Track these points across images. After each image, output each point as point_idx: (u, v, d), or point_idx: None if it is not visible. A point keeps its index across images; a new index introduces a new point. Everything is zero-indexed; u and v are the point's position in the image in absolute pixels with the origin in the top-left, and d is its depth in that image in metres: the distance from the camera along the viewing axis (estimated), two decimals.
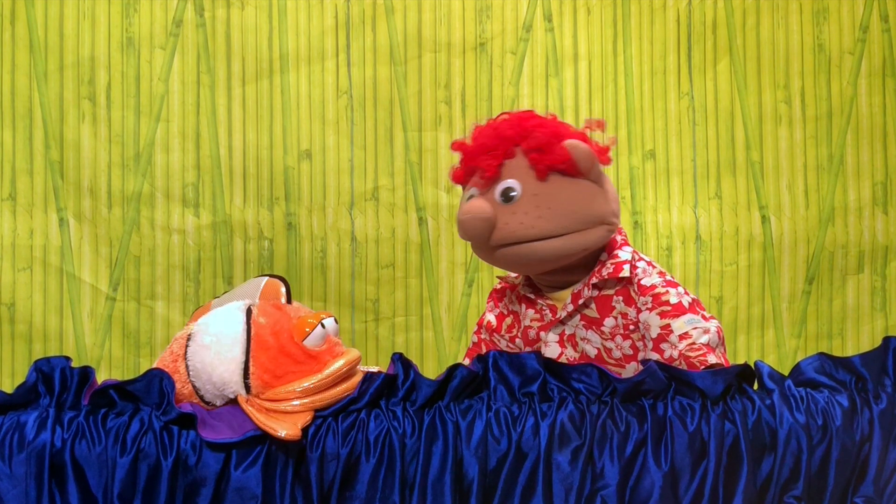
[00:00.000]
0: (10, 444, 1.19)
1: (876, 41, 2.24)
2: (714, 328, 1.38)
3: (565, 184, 1.40)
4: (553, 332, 1.51)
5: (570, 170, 1.40)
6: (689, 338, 1.37)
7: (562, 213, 1.39)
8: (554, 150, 1.39)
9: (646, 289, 1.42)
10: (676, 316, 1.38)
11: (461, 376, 1.27)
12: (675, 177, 2.20)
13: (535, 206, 1.38)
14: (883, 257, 2.25)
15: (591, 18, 2.17)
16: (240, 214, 2.09)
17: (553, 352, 1.50)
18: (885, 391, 1.30)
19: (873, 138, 2.24)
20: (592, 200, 1.41)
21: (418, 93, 2.13)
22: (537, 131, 1.41)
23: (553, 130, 1.42)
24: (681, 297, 1.41)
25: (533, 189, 1.39)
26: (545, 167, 1.39)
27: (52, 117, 2.04)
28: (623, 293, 1.45)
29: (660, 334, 1.39)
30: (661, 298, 1.40)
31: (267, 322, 1.29)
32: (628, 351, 1.46)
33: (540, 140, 1.40)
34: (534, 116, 1.47)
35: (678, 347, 1.37)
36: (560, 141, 1.39)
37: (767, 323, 2.23)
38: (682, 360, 1.36)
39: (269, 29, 2.10)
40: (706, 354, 1.35)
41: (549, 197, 1.39)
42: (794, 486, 1.26)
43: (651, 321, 1.40)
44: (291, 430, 1.18)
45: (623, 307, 1.45)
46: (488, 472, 1.23)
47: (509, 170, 1.41)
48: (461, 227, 1.41)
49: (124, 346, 2.06)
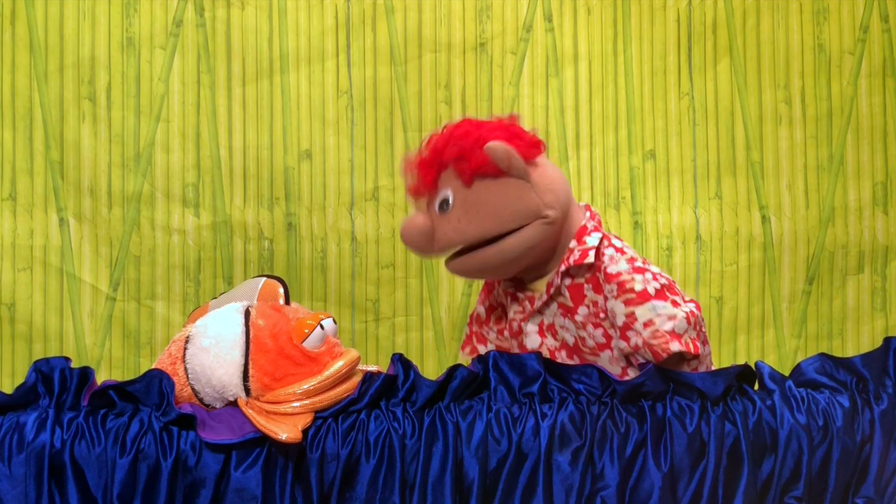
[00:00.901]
0: (10, 445, 1.19)
1: (876, 41, 2.23)
2: (683, 314, 1.38)
3: (490, 185, 1.44)
4: (532, 323, 1.52)
5: (492, 171, 1.43)
6: (652, 325, 1.37)
7: (488, 214, 1.43)
8: (474, 156, 1.43)
9: (611, 276, 1.42)
10: (641, 303, 1.38)
11: (461, 377, 1.27)
12: (675, 177, 2.20)
13: (465, 212, 1.44)
14: (883, 257, 2.25)
15: (591, 18, 2.17)
16: (240, 214, 2.09)
17: (533, 342, 1.51)
18: (886, 392, 1.30)
19: (873, 138, 2.24)
20: (519, 196, 1.44)
21: (418, 93, 2.13)
22: (461, 140, 1.46)
23: (476, 136, 1.46)
24: (647, 283, 1.40)
25: (462, 196, 1.45)
26: (469, 173, 1.44)
27: (52, 117, 2.04)
28: (592, 281, 1.45)
29: (625, 322, 1.39)
30: (625, 286, 1.40)
31: (266, 324, 1.29)
32: (601, 339, 1.45)
33: (461, 148, 1.45)
34: (465, 125, 1.51)
35: (642, 335, 1.37)
36: (482, 145, 1.43)
37: (767, 323, 2.22)
38: (645, 347, 1.37)
39: (269, 29, 2.10)
40: (669, 342, 1.35)
41: (476, 201, 1.44)
42: (795, 487, 1.26)
43: (616, 309, 1.41)
44: (292, 433, 1.18)
45: (593, 295, 1.45)
46: (488, 472, 1.23)
47: (444, 181, 1.47)
48: (404, 242, 1.50)
49: (124, 347, 2.06)
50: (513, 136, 1.47)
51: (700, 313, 1.41)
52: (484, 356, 1.32)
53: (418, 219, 1.48)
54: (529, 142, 1.48)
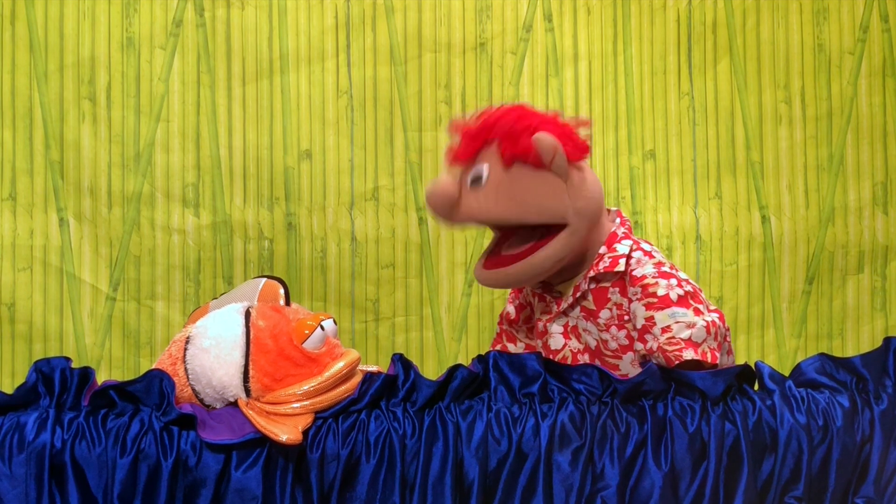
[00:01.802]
0: (10, 445, 1.19)
1: (876, 41, 2.23)
2: (703, 323, 1.37)
3: (527, 174, 1.43)
4: (557, 324, 1.52)
5: (533, 161, 1.42)
6: (669, 331, 1.37)
7: (515, 201, 1.43)
8: (520, 141, 1.42)
9: (636, 279, 1.43)
10: (661, 308, 1.39)
11: (461, 377, 1.27)
12: (675, 177, 2.20)
13: (496, 193, 1.43)
14: (883, 257, 2.25)
15: (591, 18, 2.17)
16: (240, 214, 2.08)
17: (557, 343, 1.51)
18: (886, 392, 1.30)
19: (873, 138, 2.24)
20: (552, 194, 1.43)
21: (418, 93, 2.13)
22: (513, 122, 1.45)
23: (528, 123, 1.45)
24: (670, 289, 1.40)
25: (498, 176, 1.44)
26: (510, 156, 1.43)
27: (52, 117, 2.04)
28: (619, 284, 1.46)
29: (644, 325, 1.40)
30: (648, 290, 1.41)
31: (266, 325, 1.29)
32: (624, 341, 1.46)
33: (511, 130, 1.44)
34: (521, 108, 1.50)
35: (658, 340, 1.37)
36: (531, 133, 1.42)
37: (767, 323, 2.22)
38: (659, 352, 1.36)
39: (269, 29, 2.10)
40: (682, 349, 1.34)
41: (510, 185, 1.43)
42: (795, 487, 1.26)
43: (637, 312, 1.41)
44: (292, 435, 1.18)
45: (618, 298, 1.46)
46: (489, 472, 1.23)
47: (485, 156, 1.46)
48: (427, 200, 1.48)
49: (124, 346, 2.06)
50: (564, 135, 1.46)
51: (723, 324, 1.41)
52: (484, 356, 1.32)
53: (447, 185, 1.46)
54: (578, 145, 1.47)
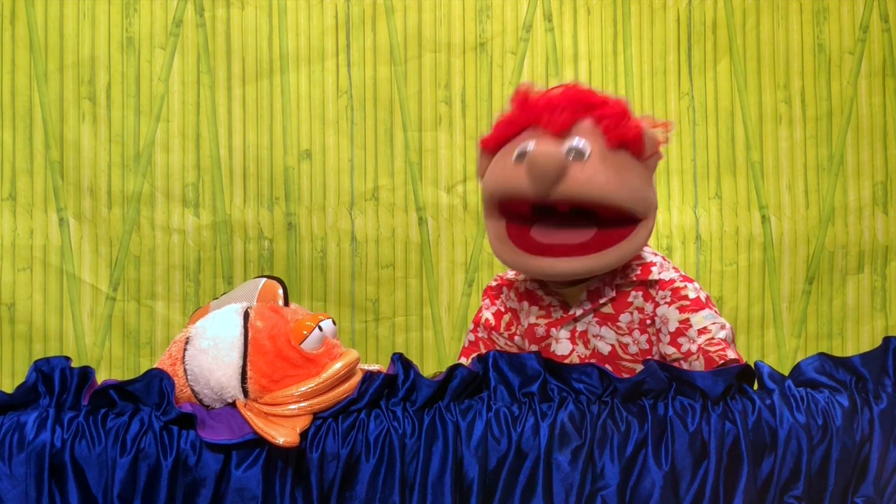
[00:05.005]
0: (10, 445, 1.19)
1: (876, 41, 2.24)
2: (729, 324, 1.41)
3: (629, 160, 1.41)
4: (565, 329, 1.51)
5: (636, 150, 1.41)
6: (707, 332, 1.38)
7: (620, 181, 1.37)
8: (629, 126, 1.40)
9: (665, 283, 1.43)
10: (696, 310, 1.40)
11: (461, 376, 1.27)
12: (675, 177, 2.20)
13: (605, 168, 1.37)
14: (883, 257, 2.25)
15: (591, 18, 2.17)
16: (240, 214, 2.09)
17: (564, 349, 1.50)
18: (886, 391, 1.30)
19: (873, 138, 2.24)
20: (646, 185, 1.43)
21: (418, 93, 2.13)
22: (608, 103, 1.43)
23: (622, 110, 1.43)
24: (698, 292, 1.43)
25: (602, 153, 1.38)
26: (618, 137, 1.39)
27: (52, 117, 2.04)
28: (641, 289, 1.46)
29: (678, 328, 1.40)
30: (680, 293, 1.42)
31: (264, 326, 1.28)
32: (645, 345, 1.46)
33: (615, 111, 1.41)
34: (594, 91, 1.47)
35: (697, 342, 1.38)
36: (628, 119, 1.41)
37: (767, 323, 2.22)
38: (700, 353, 1.37)
39: (269, 29, 2.10)
40: (725, 349, 1.36)
41: (615, 164, 1.38)
42: (795, 487, 1.26)
43: (670, 315, 1.41)
44: (290, 437, 1.17)
45: (641, 302, 1.46)
46: (488, 472, 1.23)
47: (580, 130, 1.40)
48: (534, 164, 1.35)
49: (124, 346, 2.06)
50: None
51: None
52: (484, 355, 1.31)
53: (559, 151, 1.37)
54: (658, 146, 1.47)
